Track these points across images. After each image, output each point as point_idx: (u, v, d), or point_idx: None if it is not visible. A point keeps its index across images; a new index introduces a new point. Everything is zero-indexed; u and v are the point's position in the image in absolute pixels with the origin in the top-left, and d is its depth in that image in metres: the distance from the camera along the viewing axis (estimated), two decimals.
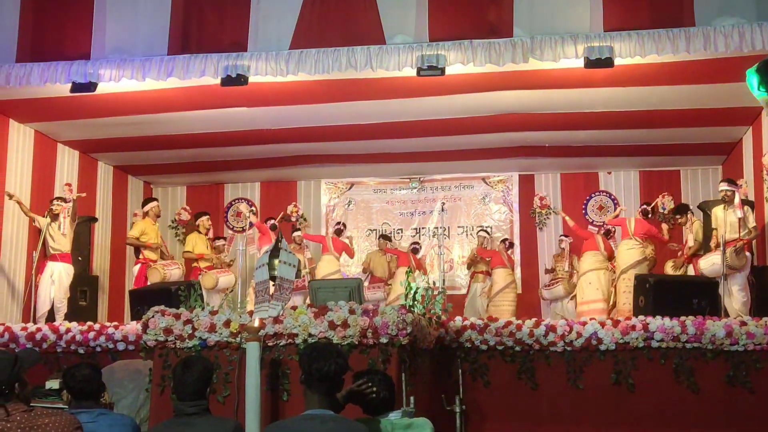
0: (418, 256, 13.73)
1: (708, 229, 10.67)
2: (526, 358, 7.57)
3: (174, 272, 11.34)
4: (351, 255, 13.72)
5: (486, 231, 13.79)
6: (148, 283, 11.00)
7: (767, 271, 10.08)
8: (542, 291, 13.51)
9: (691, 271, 11.10)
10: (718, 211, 9.97)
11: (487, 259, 13.19)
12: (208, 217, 12.63)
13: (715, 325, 7.29)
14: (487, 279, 13.20)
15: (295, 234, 13.16)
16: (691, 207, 12.03)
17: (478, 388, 7.57)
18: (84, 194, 11.37)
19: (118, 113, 10.62)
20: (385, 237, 14.02)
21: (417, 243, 13.97)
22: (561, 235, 13.47)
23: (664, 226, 12.44)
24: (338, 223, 13.91)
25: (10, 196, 10.32)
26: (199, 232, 12.39)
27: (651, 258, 11.84)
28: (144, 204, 12.29)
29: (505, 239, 13.66)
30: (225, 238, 13.75)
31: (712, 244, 10.14)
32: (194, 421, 4.20)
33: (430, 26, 8.66)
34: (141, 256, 11.65)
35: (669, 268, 11.60)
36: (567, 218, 12.83)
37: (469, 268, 13.53)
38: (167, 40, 8.96)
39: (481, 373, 7.60)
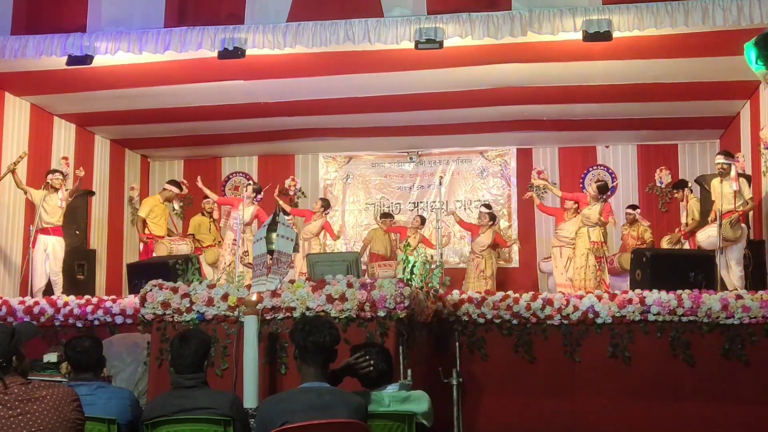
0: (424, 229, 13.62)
1: (707, 203, 10.67)
2: (523, 331, 7.59)
3: (181, 248, 11.30)
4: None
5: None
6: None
7: (763, 245, 10.11)
8: (540, 264, 13.51)
9: (687, 248, 11.10)
10: (715, 184, 9.97)
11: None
12: (208, 200, 12.59)
13: (711, 299, 7.31)
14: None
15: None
16: (689, 184, 11.96)
17: (476, 361, 7.60)
18: (82, 171, 11.31)
19: (114, 86, 10.59)
20: (387, 215, 13.79)
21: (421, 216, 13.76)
22: None
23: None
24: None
25: (11, 169, 10.25)
26: (203, 215, 12.38)
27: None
28: (168, 183, 12.33)
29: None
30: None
31: (710, 219, 10.15)
32: (192, 393, 4.22)
33: None
34: (147, 231, 11.65)
35: (665, 243, 11.60)
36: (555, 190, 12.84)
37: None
38: (164, 13, 8.90)
39: (479, 346, 7.62)
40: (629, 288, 8.54)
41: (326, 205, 13.00)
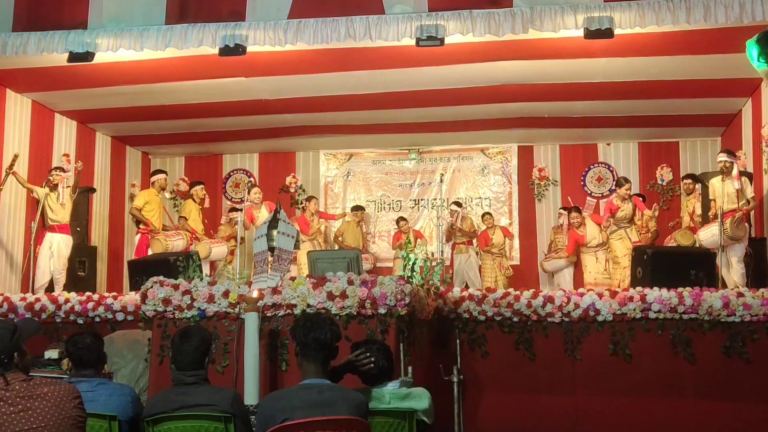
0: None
1: (705, 201, 10.68)
2: (524, 328, 7.58)
3: (177, 243, 11.28)
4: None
5: (457, 204, 13.77)
6: (150, 254, 10.99)
7: (764, 243, 10.11)
8: (543, 264, 13.54)
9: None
10: (715, 182, 9.98)
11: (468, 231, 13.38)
12: (202, 186, 12.49)
13: (712, 297, 7.30)
14: (469, 249, 13.31)
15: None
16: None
17: (476, 358, 7.60)
18: (81, 165, 11.27)
19: (115, 83, 10.59)
20: (358, 207, 14.07)
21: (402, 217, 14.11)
22: (560, 209, 13.48)
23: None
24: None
25: (9, 172, 10.28)
26: (194, 201, 12.34)
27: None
28: (152, 174, 12.25)
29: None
30: (240, 210, 13.52)
31: (710, 215, 10.15)
32: (193, 390, 4.23)
33: None
34: (142, 226, 11.62)
35: (678, 235, 11.58)
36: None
37: (448, 241, 13.53)
38: (165, 10, 8.86)
39: (479, 344, 7.62)
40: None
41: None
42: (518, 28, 8.31)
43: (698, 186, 11.70)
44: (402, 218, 14.00)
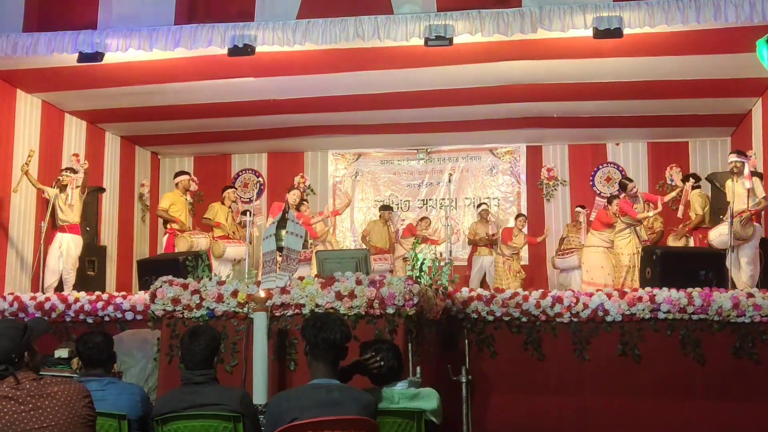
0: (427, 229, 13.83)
1: (720, 201, 10.63)
2: (533, 329, 7.57)
3: (201, 241, 11.40)
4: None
5: (485, 204, 13.74)
6: (176, 251, 11.05)
7: None
8: (554, 259, 13.47)
9: (691, 244, 11.06)
10: (729, 184, 9.93)
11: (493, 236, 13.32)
12: (234, 190, 12.59)
13: (722, 297, 7.28)
14: (493, 252, 13.26)
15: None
16: (691, 180, 11.77)
17: (485, 358, 7.59)
18: (86, 164, 11.25)
19: (125, 83, 10.61)
20: (386, 207, 13.98)
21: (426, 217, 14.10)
22: (578, 207, 13.38)
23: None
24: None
25: (24, 171, 10.33)
26: (223, 204, 12.36)
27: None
28: (175, 176, 12.28)
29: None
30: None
31: (723, 216, 10.12)
32: (202, 389, 4.23)
33: None
34: (169, 226, 11.67)
35: (670, 240, 11.56)
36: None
37: (469, 244, 13.50)
38: (174, 10, 8.90)
39: (488, 344, 7.61)
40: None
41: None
42: (527, 27, 8.31)
43: (686, 185, 11.61)
44: (426, 219, 14.04)
